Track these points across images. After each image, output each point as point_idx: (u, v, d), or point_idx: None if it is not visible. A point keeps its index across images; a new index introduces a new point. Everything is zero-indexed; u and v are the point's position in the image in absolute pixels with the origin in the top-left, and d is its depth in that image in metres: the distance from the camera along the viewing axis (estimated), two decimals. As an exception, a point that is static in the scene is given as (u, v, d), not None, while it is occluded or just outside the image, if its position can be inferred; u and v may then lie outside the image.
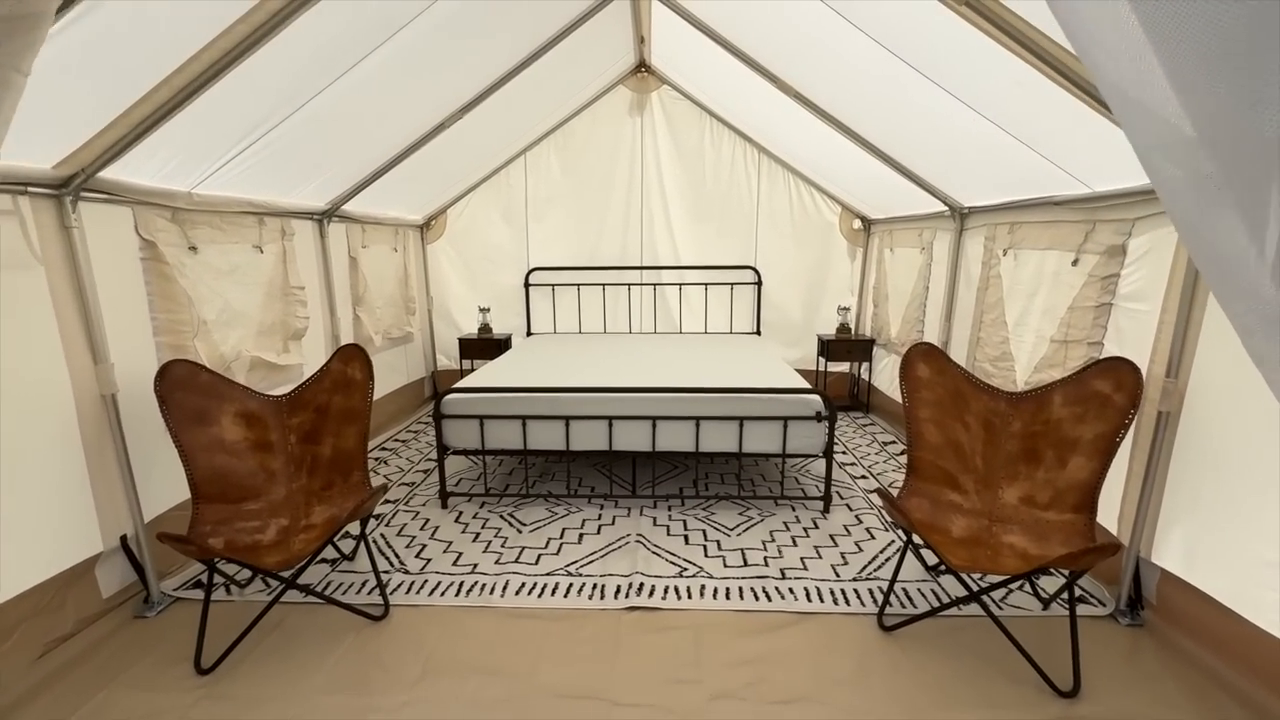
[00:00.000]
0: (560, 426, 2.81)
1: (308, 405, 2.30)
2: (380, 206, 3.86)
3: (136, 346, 2.17)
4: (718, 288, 4.70)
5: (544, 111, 4.14)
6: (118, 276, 2.09)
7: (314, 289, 3.29)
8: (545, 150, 4.56)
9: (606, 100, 4.46)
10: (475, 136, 3.74)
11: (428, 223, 4.68)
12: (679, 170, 4.55)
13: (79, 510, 1.95)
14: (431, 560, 2.42)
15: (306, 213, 3.18)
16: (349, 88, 2.36)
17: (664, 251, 4.68)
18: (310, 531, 2.07)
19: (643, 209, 4.62)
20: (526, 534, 2.63)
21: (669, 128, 4.49)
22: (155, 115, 1.78)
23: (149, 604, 2.10)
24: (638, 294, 4.75)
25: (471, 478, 3.27)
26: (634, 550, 2.48)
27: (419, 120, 3.10)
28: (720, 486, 3.13)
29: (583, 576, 2.29)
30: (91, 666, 1.81)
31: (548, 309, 4.80)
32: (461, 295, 4.82)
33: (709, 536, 2.60)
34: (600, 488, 3.11)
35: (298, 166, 2.74)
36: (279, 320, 2.98)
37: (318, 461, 2.26)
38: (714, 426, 2.78)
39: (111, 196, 2.00)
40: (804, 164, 4.33)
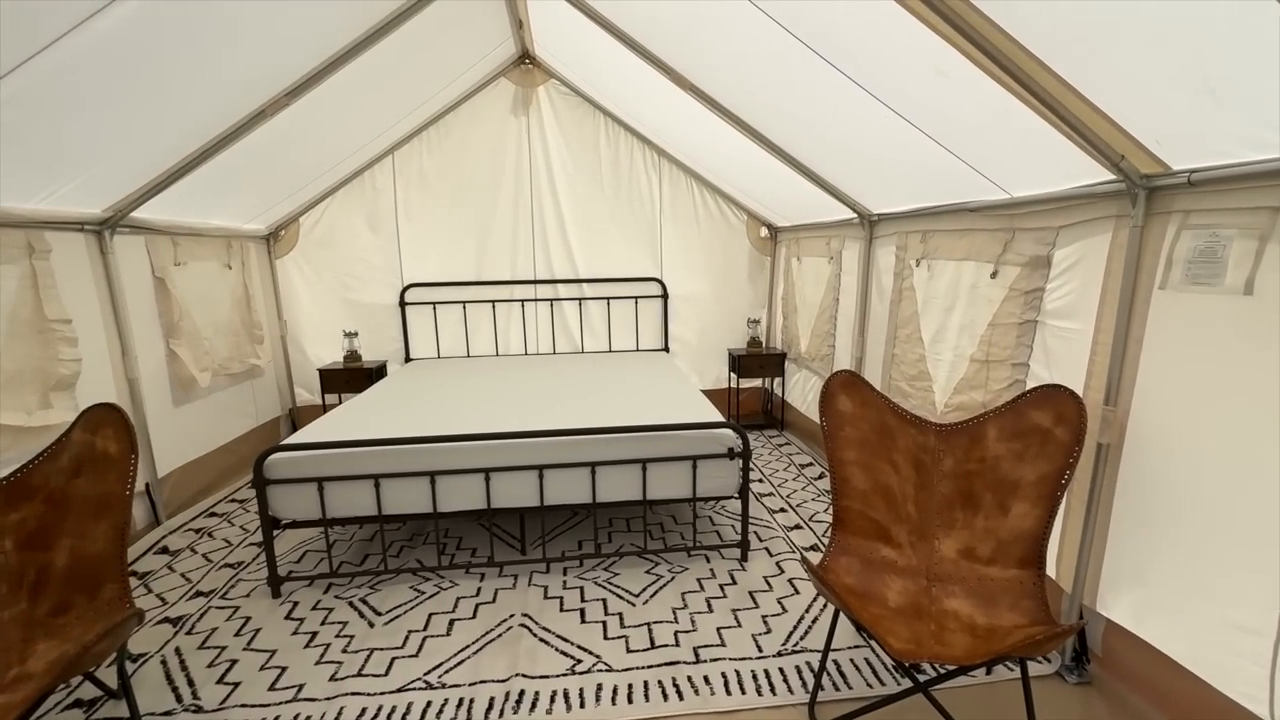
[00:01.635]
0: (425, 485, 2.27)
1: (35, 494, 1.63)
2: (200, 214, 3.13)
3: None
4: (620, 302, 4.31)
5: (409, 105, 3.56)
6: None
7: (92, 322, 2.53)
8: (416, 150, 3.97)
9: (486, 94, 3.95)
10: (321, 132, 3.12)
11: (275, 233, 3.94)
12: (573, 174, 4.11)
13: None
14: (239, 686, 1.81)
15: (73, 222, 2.44)
16: (89, 51, 1.72)
17: (560, 263, 4.22)
18: (20, 688, 1.42)
19: (533, 216, 4.14)
20: (380, 628, 2.07)
21: (559, 126, 4.05)
22: None
23: None
24: (532, 311, 4.26)
25: (320, 550, 2.64)
26: (517, 639, 2.00)
27: (227, 106, 2.45)
28: (625, 536, 2.71)
29: (446, 689, 1.78)
30: None
31: (429, 330, 4.19)
32: (321, 318, 4.11)
33: (610, 608, 2.17)
34: (482, 549, 2.60)
35: (37, 160, 2.03)
36: (30, 367, 2.23)
37: (48, 575, 1.60)
38: (613, 472, 2.35)
39: None
40: (706, 168, 4.03)
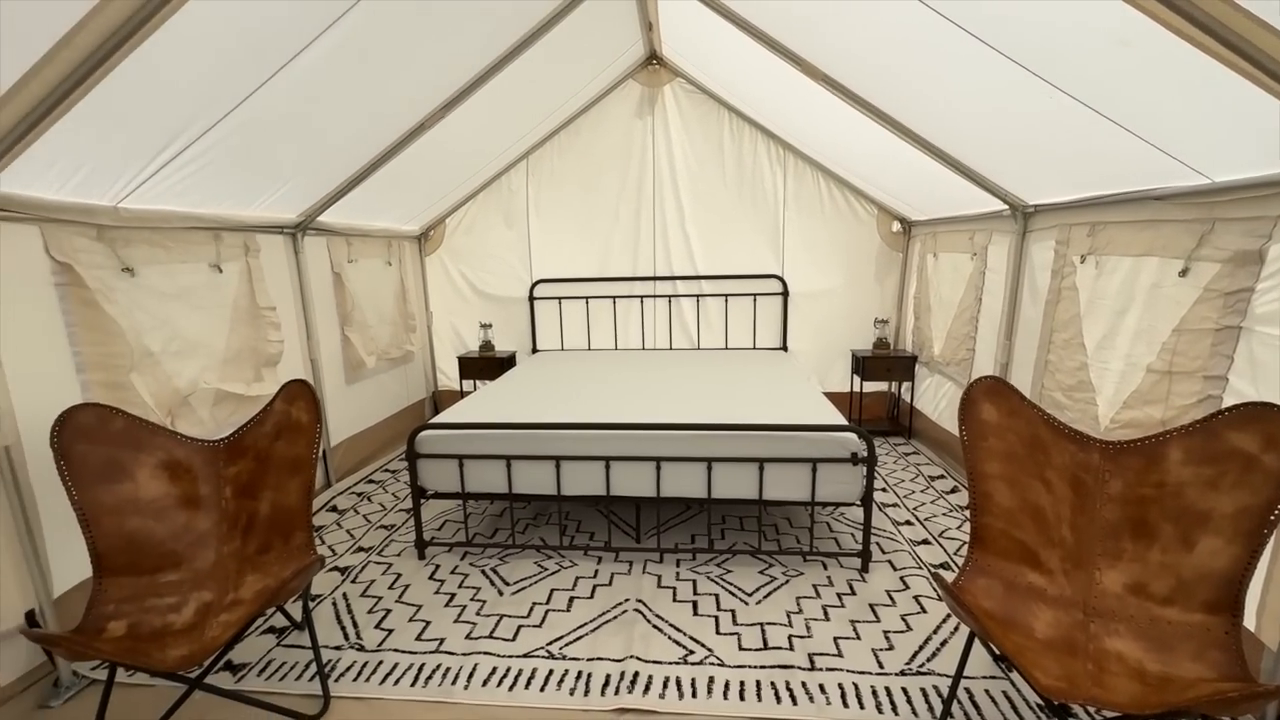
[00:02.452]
0: (551, 468, 2.43)
1: (247, 452, 1.97)
2: (368, 217, 3.57)
3: (54, 387, 1.88)
4: (739, 299, 4.26)
5: (545, 111, 3.78)
6: (23, 307, 1.79)
7: (289, 310, 2.99)
8: (548, 153, 4.21)
9: (614, 96, 4.09)
10: (468, 139, 3.42)
11: (425, 233, 4.38)
12: (695, 171, 4.14)
13: (-31, 583, 1.66)
14: (393, 633, 2.06)
15: (275, 226, 2.89)
16: (296, 82, 2.03)
17: (679, 260, 4.27)
18: (235, 610, 1.72)
19: (655, 214, 4.22)
20: (508, 597, 2.25)
21: (683, 124, 4.09)
22: (31, 117, 1.47)
23: (58, 688, 1.80)
24: (651, 306, 4.35)
25: (457, 520, 2.91)
26: (632, 623, 2.07)
27: (394, 121, 2.77)
28: (739, 535, 2.69)
29: (566, 661, 1.89)
30: (-40, 784, 1.50)
31: (554, 324, 4.44)
32: (462, 310, 4.50)
33: (723, 604, 2.18)
34: (599, 533, 2.72)
35: (254, 175, 2.43)
36: (248, 346, 2.68)
37: (255, 520, 1.93)
38: (730, 470, 2.35)
39: (7, 213, 1.71)
40: (835, 160, 3.86)
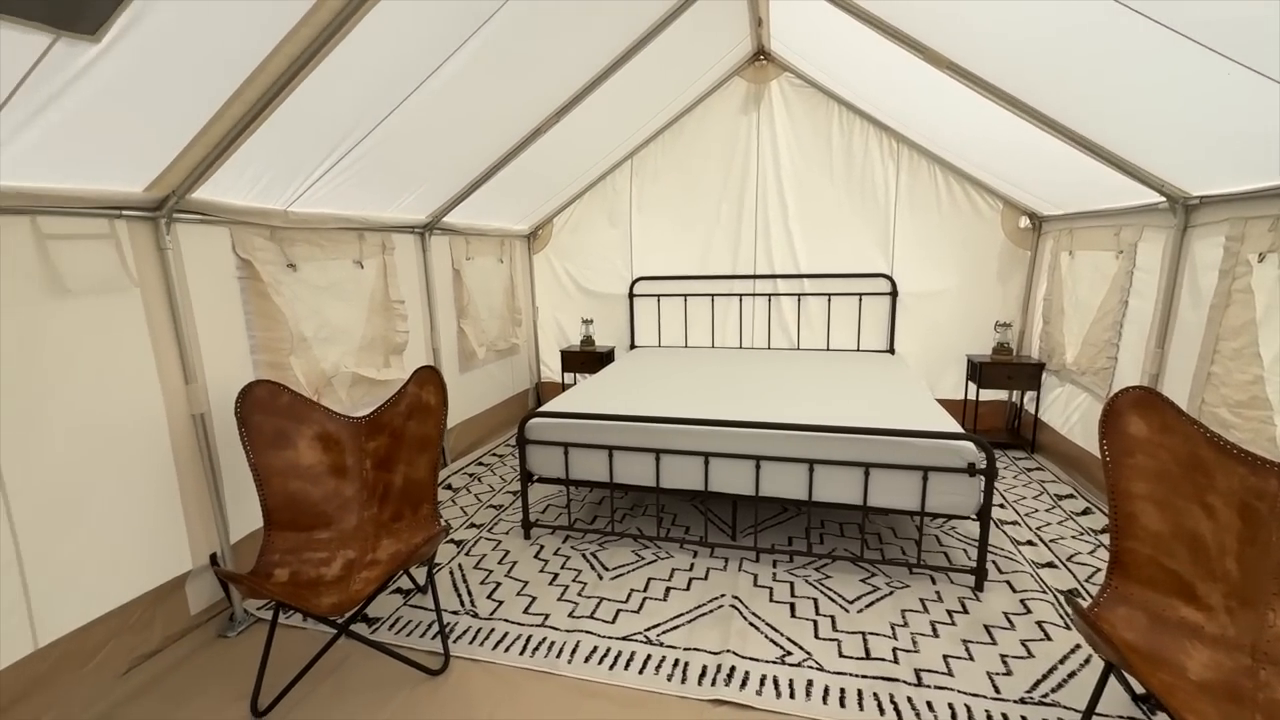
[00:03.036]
0: (651, 460, 2.49)
1: (384, 429, 2.19)
2: (484, 217, 3.82)
3: (234, 365, 2.20)
4: (843, 299, 4.12)
5: (651, 111, 3.86)
6: (215, 296, 2.11)
7: (415, 303, 3.28)
8: (652, 152, 4.29)
9: (719, 94, 4.09)
10: (578, 141, 3.56)
11: (534, 232, 4.61)
12: (800, 167, 4.05)
13: (173, 528, 1.98)
14: (503, 604, 2.21)
15: (407, 226, 3.18)
16: (433, 94, 2.23)
17: (781, 258, 4.20)
18: (373, 568, 1.93)
19: (757, 211, 4.18)
20: (608, 581, 2.34)
21: (789, 119, 4.01)
22: (233, 131, 1.73)
23: (233, 622, 2.10)
24: (750, 305, 4.31)
25: (559, 505, 3.06)
26: (728, 618, 2.09)
27: (513, 126, 2.95)
28: (839, 541, 2.62)
29: (664, 648, 1.94)
30: (165, 692, 1.79)
31: (653, 321, 4.52)
32: (565, 306, 4.70)
33: (821, 609, 2.13)
34: (695, 528, 2.75)
35: (393, 180, 2.69)
36: (380, 335, 2.97)
37: (389, 490, 2.15)
38: (833, 473, 2.30)
39: (206, 217, 2.02)
40: (956, 152, 3.63)
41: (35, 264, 1.58)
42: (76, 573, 1.69)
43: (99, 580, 1.76)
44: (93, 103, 1.40)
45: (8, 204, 1.48)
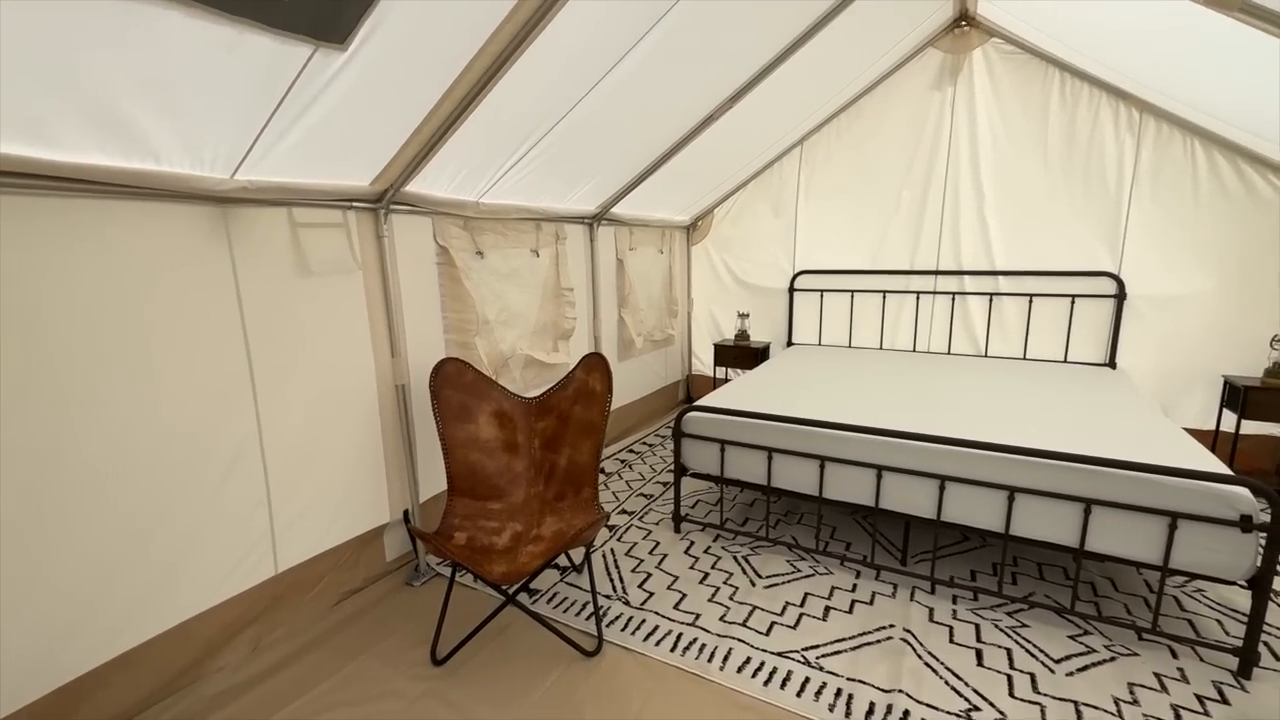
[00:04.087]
0: (814, 467, 2.32)
1: (552, 411, 2.29)
2: (648, 208, 3.85)
3: (429, 342, 2.43)
4: (1050, 301, 3.52)
5: (828, 94, 3.60)
6: (417, 280, 2.35)
7: (580, 291, 3.41)
8: (826, 136, 4.00)
9: (908, 69, 3.68)
10: (747, 128, 3.43)
11: (694, 223, 4.57)
12: (1005, 147, 3.51)
13: (376, 484, 2.25)
14: (654, 596, 2.20)
15: (578, 217, 3.29)
16: (613, 87, 2.26)
17: (972, 252, 3.70)
18: (538, 544, 2.02)
19: (946, 199, 3.71)
20: (761, 589, 2.23)
21: (994, 92, 3.49)
22: (441, 128, 1.88)
23: (418, 573, 2.34)
24: (928, 304, 3.87)
25: (709, 502, 2.99)
26: (899, 652, 1.87)
27: (686, 115, 2.90)
28: (1037, 584, 2.24)
29: (824, 673, 1.79)
30: (363, 626, 2.04)
31: (813, 317, 4.25)
32: (721, 298, 4.61)
33: (1017, 662, 1.82)
34: (858, 545, 2.52)
35: (569, 172, 2.79)
36: (550, 321, 3.13)
37: (555, 470, 2.23)
38: (1039, 505, 1.95)
39: (414, 208, 2.24)
40: (1226, 119, 2.89)
41: (289, 249, 1.85)
42: (306, 514, 1.98)
43: (321, 523, 2.04)
44: (337, 106, 1.60)
45: (273, 197, 1.75)
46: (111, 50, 1.18)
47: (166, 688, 1.67)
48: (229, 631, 1.81)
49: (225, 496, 1.74)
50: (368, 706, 1.70)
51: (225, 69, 1.33)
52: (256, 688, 1.75)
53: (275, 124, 1.54)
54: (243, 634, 1.85)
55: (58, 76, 1.18)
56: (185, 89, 1.33)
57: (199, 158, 1.53)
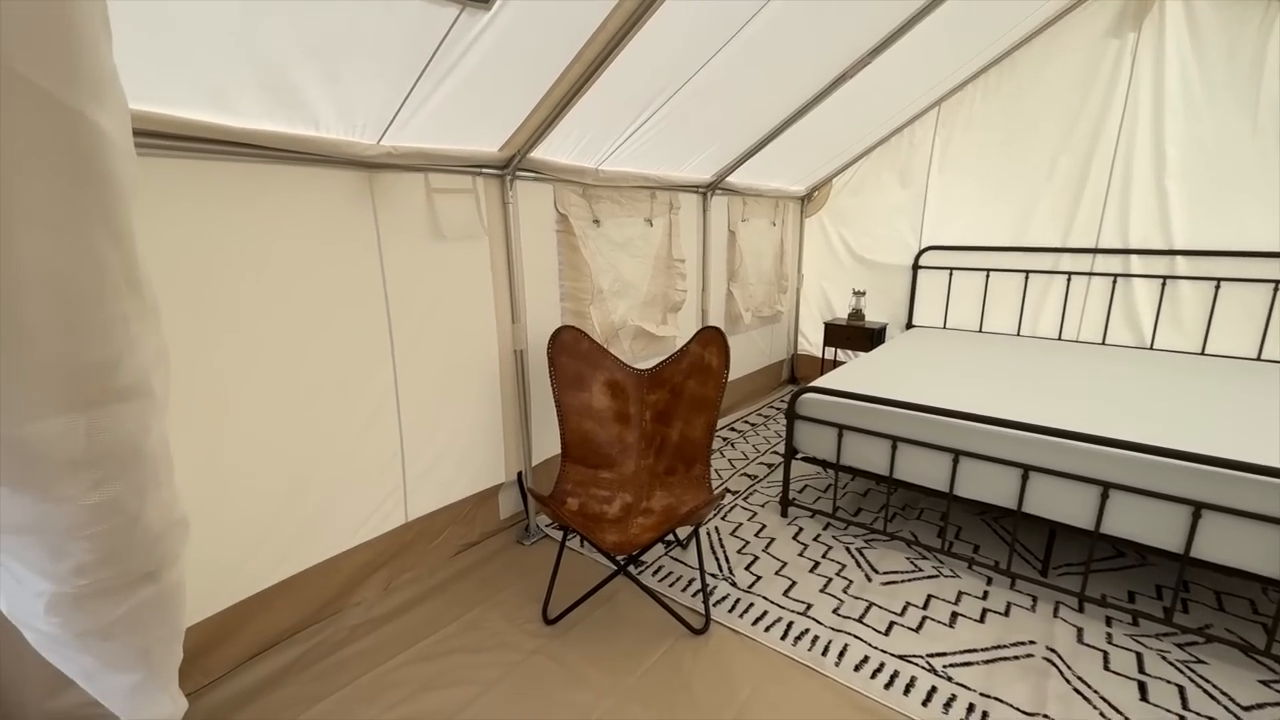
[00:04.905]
0: (945, 460, 2.12)
1: (664, 384, 2.25)
2: (763, 178, 3.66)
3: (547, 309, 2.46)
4: (1241, 286, 2.98)
5: (976, 48, 3.20)
6: (537, 247, 2.37)
7: (691, 262, 3.32)
8: (969, 96, 3.59)
9: (1076, 16, 3.19)
10: (876, 91, 3.13)
11: (810, 194, 4.31)
12: (1200, 105, 2.97)
13: (494, 445, 2.33)
14: (761, 580, 2.14)
15: (692, 186, 3.19)
16: (740, 48, 2.11)
17: (1143, 228, 3.20)
18: (648, 517, 2.01)
19: (1116, 166, 3.22)
20: (877, 585, 2.10)
21: (1191, 39, 2.95)
22: (570, 93, 1.85)
23: (527, 533, 2.42)
24: (1081, 286, 3.41)
25: (818, 488, 2.86)
26: (1042, 672, 1.68)
27: (816, 74, 2.69)
28: (1214, 615, 1.93)
29: (954, 684, 1.65)
30: (479, 578, 2.14)
31: (939, 298, 3.90)
32: (835, 274, 4.34)
33: (1191, 702, 1.58)
34: (987, 549, 2.30)
35: (687, 140, 2.69)
36: (660, 292, 3.08)
37: (665, 444, 2.20)
38: (1229, 524, 1.66)
39: (538, 175, 2.24)
40: None
41: (424, 214, 1.92)
42: (433, 469, 2.10)
43: (446, 478, 2.15)
44: (476, 69, 1.60)
45: (412, 162, 1.81)
46: (283, 14, 1.24)
47: (315, 615, 1.84)
48: (366, 571, 1.96)
49: (366, 447, 1.87)
50: (485, 655, 1.78)
51: (379, 30, 1.36)
52: (387, 625, 1.89)
53: (419, 89, 1.58)
54: (377, 574, 2.00)
55: (237, 45, 1.25)
56: (344, 53, 1.38)
57: (351, 123, 1.60)
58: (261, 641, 1.73)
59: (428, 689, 1.65)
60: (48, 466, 0.59)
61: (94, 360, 0.61)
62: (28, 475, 0.58)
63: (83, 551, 0.63)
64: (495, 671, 1.71)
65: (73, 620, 0.65)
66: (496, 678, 1.69)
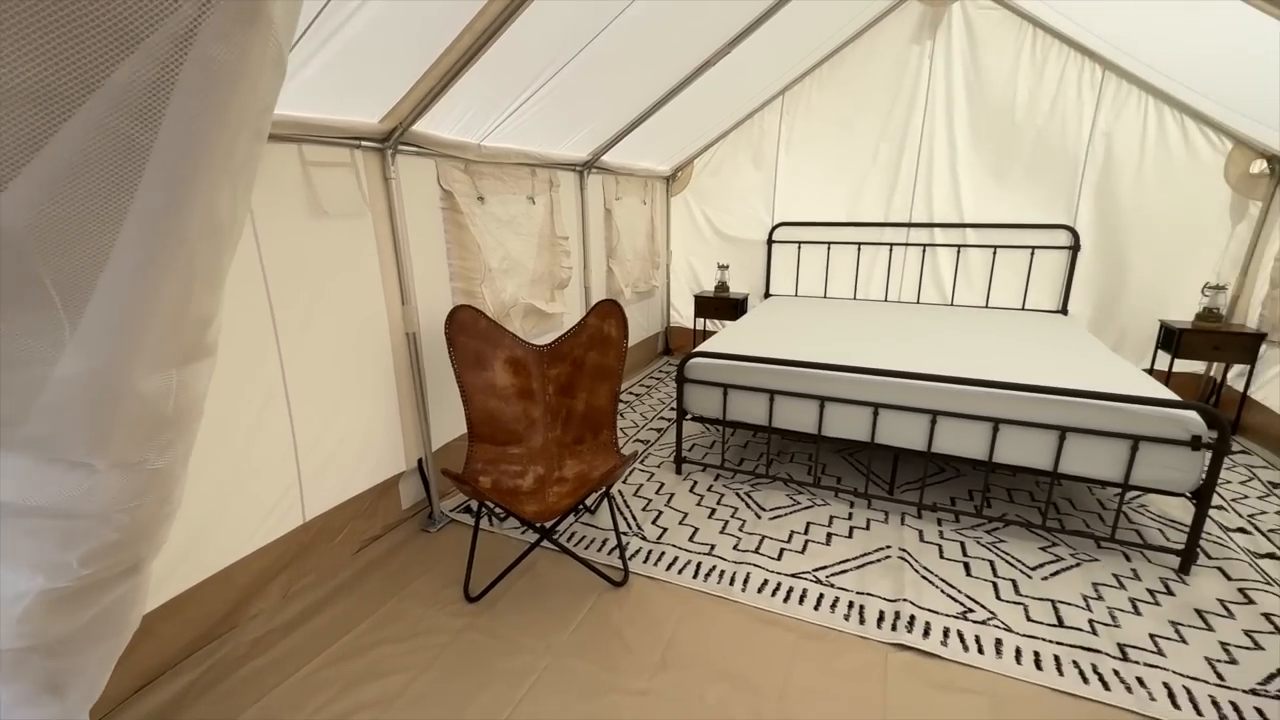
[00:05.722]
0: (813, 407, 2.46)
1: (565, 358, 2.32)
2: (633, 158, 3.81)
3: (437, 290, 2.39)
4: (1011, 252, 3.76)
5: (812, 43, 3.61)
6: (423, 225, 2.28)
7: (573, 240, 3.38)
8: (807, 88, 4.03)
9: (890, 20, 3.73)
10: (733, 78, 3.41)
11: (674, 174, 4.56)
12: (979, 102, 3.65)
13: (392, 432, 2.23)
14: (668, 531, 2.32)
15: (570, 164, 3.24)
16: (618, 30, 2.20)
17: (943, 205, 3.87)
18: (562, 485, 2.09)
19: (921, 152, 3.85)
20: (766, 521, 2.39)
21: (971, 48, 3.60)
22: (458, 64, 1.81)
23: (432, 520, 2.37)
24: (900, 256, 4.05)
25: (704, 445, 3.13)
26: (898, 568, 2.07)
27: (682, 62, 2.87)
28: (1010, 506, 2.49)
29: (835, 589, 1.97)
30: (388, 571, 2.07)
31: (790, 269, 4.38)
32: (701, 250, 4.65)
33: (999, 571, 2.06)
34: (849, 480, 2.72)
35: (568, 118, 2.73)
36: (547, 270, 3.10)
37: (571, 415, 2.28)
38: (1020, 434, 2.16)
39: (421, 149, 2.16)
40: (1181, 80, 3.10)
41: (302, 188, 1.77)
42: (330, 463, 1.97)
43: (344, 471, 2.03)
44: (360, 36, 1.51)
45: (285, 132, 1.66)
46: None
47: (208, 635, 1.67)
48: (263, 579, 1.80)
49: (257, 444, 1.71)
50: (412, 641, 1.75)
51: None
52: (295, 631, 1.77)
53: (296, 53, 1.46)
54: (275, 581, 1.85)
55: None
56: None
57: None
58: (145, 672, 1.53)
59: (357, 684, 1.59)
60: (146, 424, 0.53)
61: (202, 314, 0.59)
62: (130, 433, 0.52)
63: (112, 530, 0.56)
64: (427, 655, 1.70)
65: (42, 628, 0.58)
66: (429, 660, 1.68)
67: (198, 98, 0.53)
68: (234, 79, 0.54)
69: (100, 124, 0.49)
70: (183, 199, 0.53)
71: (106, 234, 0.51)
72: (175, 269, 0.54)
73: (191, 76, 0.51)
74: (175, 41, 0.51)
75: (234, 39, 0.54)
